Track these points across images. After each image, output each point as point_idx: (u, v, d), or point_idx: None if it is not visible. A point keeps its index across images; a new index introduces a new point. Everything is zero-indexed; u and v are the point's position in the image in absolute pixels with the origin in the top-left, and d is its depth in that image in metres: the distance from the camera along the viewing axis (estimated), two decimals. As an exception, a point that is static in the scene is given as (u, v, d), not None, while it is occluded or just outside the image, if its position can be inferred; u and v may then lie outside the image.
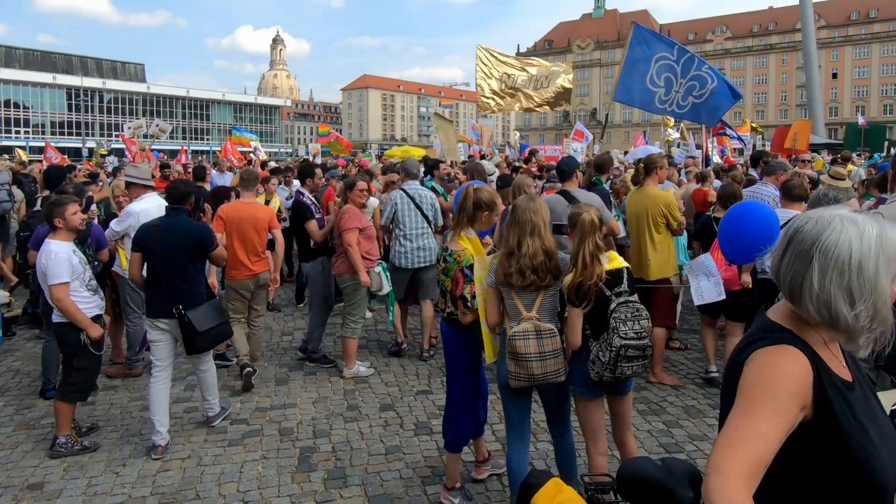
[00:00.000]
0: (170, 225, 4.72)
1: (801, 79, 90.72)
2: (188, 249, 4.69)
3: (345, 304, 5.97)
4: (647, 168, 5.54)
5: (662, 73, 8.30)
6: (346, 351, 5.97)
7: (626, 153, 34.86)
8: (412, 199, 6.45)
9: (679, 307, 6.46)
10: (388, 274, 6.13)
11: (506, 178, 7.12)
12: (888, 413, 1.59)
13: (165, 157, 39.13)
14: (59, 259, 4.36)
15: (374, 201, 10.54)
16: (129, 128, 18.16)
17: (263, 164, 18.46)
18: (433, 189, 8.44)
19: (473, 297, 3.47)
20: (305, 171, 6.63)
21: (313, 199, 6.33)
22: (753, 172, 8.25)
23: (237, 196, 6.46)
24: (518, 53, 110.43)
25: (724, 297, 5.09)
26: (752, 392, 1.32)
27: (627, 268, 3.32)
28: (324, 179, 7.40)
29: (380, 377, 6.03)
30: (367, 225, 5.91)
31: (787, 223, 2.30)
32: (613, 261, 3.30)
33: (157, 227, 4.72)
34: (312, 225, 6.15)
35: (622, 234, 5.96)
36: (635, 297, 3.25)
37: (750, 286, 5.33)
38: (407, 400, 5.50)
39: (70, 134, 78.34)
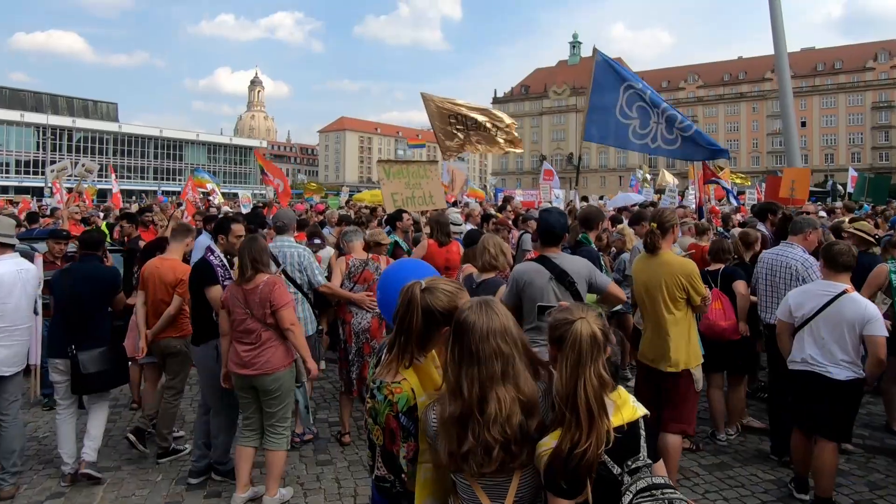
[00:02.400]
0: (81, 270, 5.02)
1: (771, 126, 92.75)
2: (96, 295, 4.96)
3: (271, 407, 4.43)
4: (661, 227, 4.30)
5: (634, 103, 7.13)
6: (272, 470, 4.41)
7: (600, 198, 34.19)
8: (275, 259, 5.26)
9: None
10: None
11: (475, 235, 5.83)
12: None
13: (146, 198, 37.45)
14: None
15: (329, 251, 9.29)
16: (53, 170, 16.86)
17: (219, 209, 17.22)
18: (396, 244, 7.16)
19: (415, 460, 2.10)
20: (220, 225, 5.19)
21: (225, 259, 4.94)
22: (763, 227, 7.09)
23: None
24: (495, 99, 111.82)
25: None
26: None
27: (645, 416, 1.97)
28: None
29: (305, 499, 4.62)
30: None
31: None
32: (623, 407, 1.94)
33: (69, 272, 5.04)
34: (215, 292, 4.65)
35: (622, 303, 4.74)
36: (663, 477, 1.92)
37: (748, 334, 5.43)
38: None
39: (36, 173, 76.10)
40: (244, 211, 15.24)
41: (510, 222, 8.48)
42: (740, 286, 5.35)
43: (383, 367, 2.18)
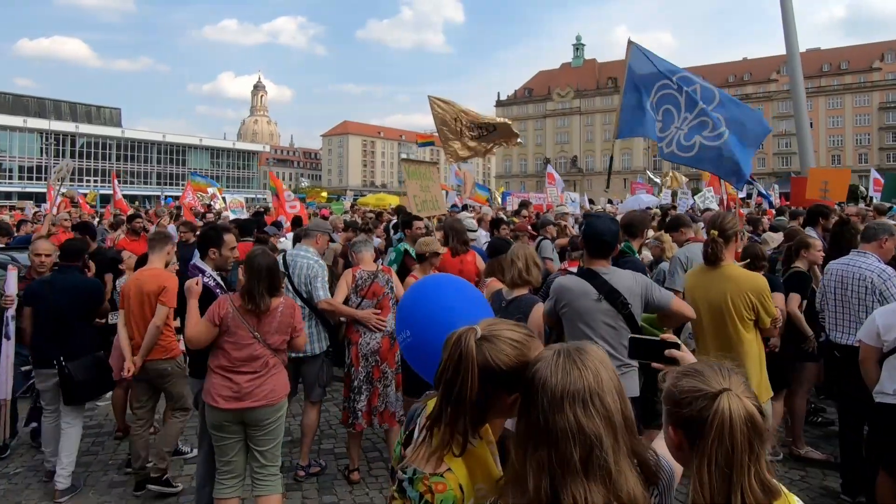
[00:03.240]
0: (60, 281, 4.87)
1: (777, 128, 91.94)
2: (75, 306, 4.84)
3: (263, 444, 3.78)
4: (723, 235, 3.65)
5: (662, 106, 6.48)
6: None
7: (609, 202, 33.53)
8: (286, 267, 4.97)
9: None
10: None
11: (501, 244, 5.14)
12: None
13: (138, 204, 36.64)
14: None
15: (332, 247, 8.75)
16: (55, 173, 16.00)
17: (219, 215, 16.58)
18: (406, 253, 6.54)
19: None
20: (210, 237, 4.45)
21: (219, 278, 4.31)
22: (813, 233, 6.43)
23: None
24: (498, 102, 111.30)
25: None
26: None
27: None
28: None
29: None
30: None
31: None
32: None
33: (49, 283, 4.89)
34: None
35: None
36: None
37: (777, 349, 4.80)
38: None
39: (40, 179, 75.92)
40: (232, 217, 13.90)
41: (529, 227, 7.81)
42: (779, 299, 4.68)
43: (419, 450, 1.51)
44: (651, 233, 7.17)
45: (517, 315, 3.60)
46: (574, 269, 4.66)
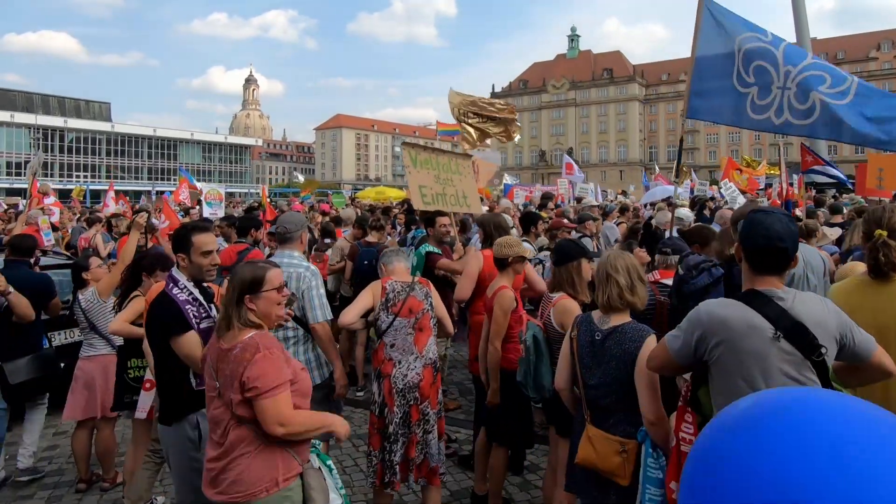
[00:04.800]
0: (7, 277, 4.69)
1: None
2: None
3: None
4: (893, 236, 2.74)
5: (752, 62, 5.22)
6: None
7: (622, 192, 32.57)
8: None
9: None
10: (333, 471, 2.83)
11: (571, 249, 4.04)
12: None
13: (145, 199, 35.23)
14: None
15: (341, 241, 7.94)
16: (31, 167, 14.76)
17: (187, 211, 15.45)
18: (429, 256, 5.68)
19: None
20: (174, 241, 3.45)
21: (196, 291, 3.27)
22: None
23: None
24: (493, 94, 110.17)
25: None
26: None
27: None
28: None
29: None
30: (302, 375, 2.76)
31: None
32: None
33: None
34: (188, 341, 3.04)
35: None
36: None
37: None
38: None
39: (28, 174, 74.49)
40: (208, 211, 12.10)
41: (567, 221, 6.92)
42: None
43: None
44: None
45: (618, 353, 2.78)
46: (667, 281, 3.81)
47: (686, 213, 7.75)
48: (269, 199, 17.42)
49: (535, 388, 3.54)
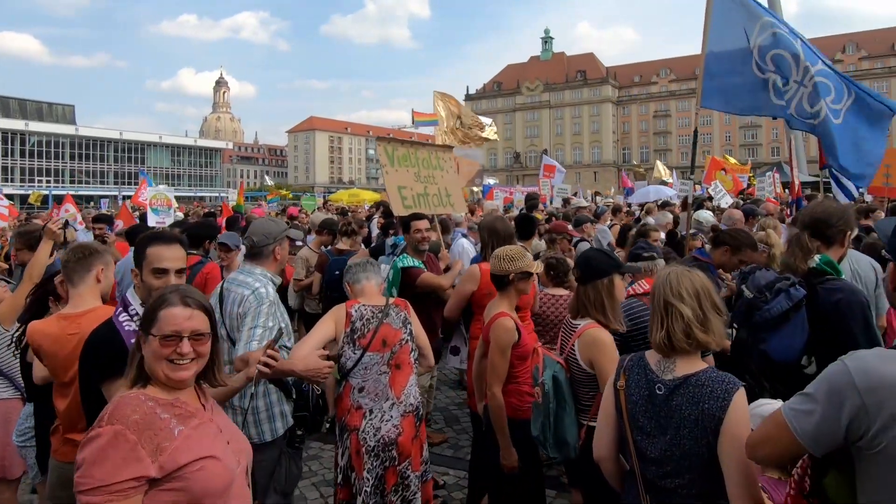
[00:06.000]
0: None
1: (744, 119, 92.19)
2: None
3: None
4: None
5: (769, 50, 4.85)
6: None
7: (596, 194, 32.13)
8: (221, 302, 3.09)
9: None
10: None
11: (599, 260, 3.09)
12: None
13: (109, 204, 33.42)
14: None
15: (305, 251, 6.96)
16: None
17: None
18: (406, 272, 4.70)
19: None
20: (136, 250, 2.73)
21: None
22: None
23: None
24: (467, 96, 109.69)
25: None
26: None
27: None
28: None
29: None
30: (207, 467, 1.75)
31: None
32: None
33: None
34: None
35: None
36: None
37: None
38: None
39: (-12, 179, 72.01)
40: (153, 220, 9.94)
41: (570, 228, 6.08)
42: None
43: None
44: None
45: (693, 415, 1.95)
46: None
47: (707, 215, 7.01)
48: (230, 204, 16.32)
49: (556, 445, 2.70)
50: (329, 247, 6.35)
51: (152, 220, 9.63)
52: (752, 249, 3.98)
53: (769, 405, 2.36)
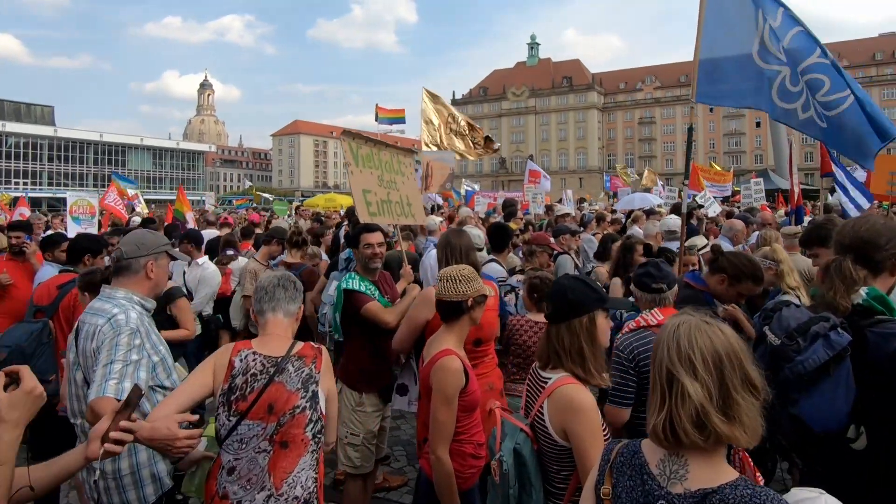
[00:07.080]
0: None
1: (727, 127, 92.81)
2: None
3: None
4: None
5: (783, 38, 4.36)
6: None
7: (581, 200, 31.60)
8: (76, 336, 2.57)
9: None
10: None
11: (575, 292, 2.32)
12: None
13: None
14: None
15: (242, 261, 6.49)
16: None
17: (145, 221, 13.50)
18: (351, 295, 3.91)
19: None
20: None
21: None
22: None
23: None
24: (454, 101, 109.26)
25: None
26: None
27: None
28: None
29: None
30: None
31: None
32: None
33: None
34: None
35: None
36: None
37: None
38: None
39: (-36, 180, 70.57)
40: (75, 229, 8.88)
41: (552, 241, 5.38)
42: None
43: None
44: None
45: None
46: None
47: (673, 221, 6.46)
48: (173, 207, 15.53)
49: (516, 538, 2.02)
50: (276, 259, 5.61)
51: (73, 230, 8.64)
52: (753, 283, 3.29)
53: (809, 501, 1.69)
